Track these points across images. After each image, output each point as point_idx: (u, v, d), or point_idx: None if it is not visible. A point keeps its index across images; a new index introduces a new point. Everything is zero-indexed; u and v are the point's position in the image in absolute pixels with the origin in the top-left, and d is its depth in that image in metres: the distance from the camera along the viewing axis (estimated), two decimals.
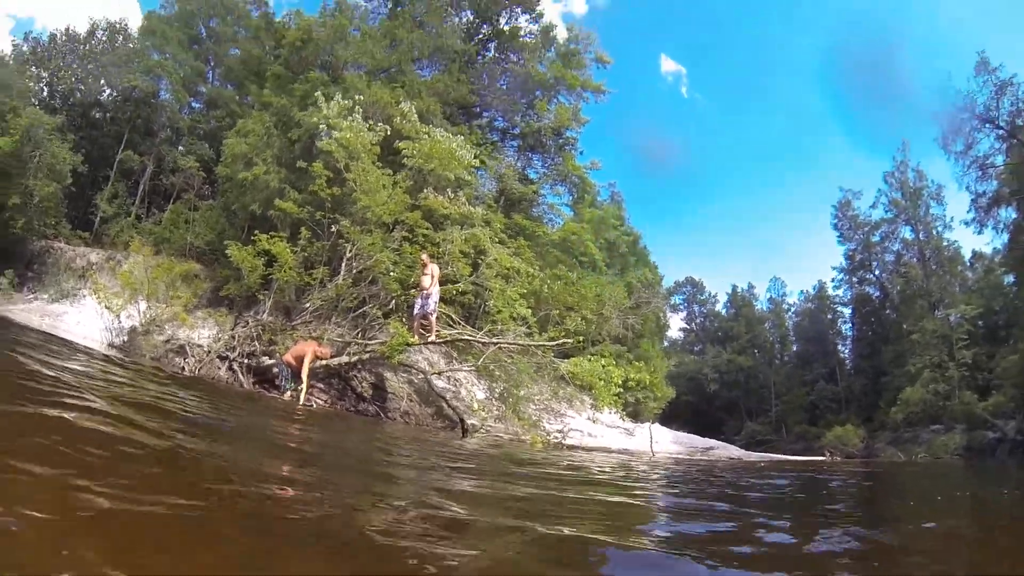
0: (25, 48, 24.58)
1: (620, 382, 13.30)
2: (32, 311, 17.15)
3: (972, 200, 32.20)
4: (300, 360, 10.53)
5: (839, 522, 3.99)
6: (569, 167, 20.37)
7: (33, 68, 24.20)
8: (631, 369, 14.39)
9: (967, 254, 40.90)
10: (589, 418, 14.33)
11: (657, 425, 17.05)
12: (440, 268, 12.23)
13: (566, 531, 2.69)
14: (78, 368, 5.69)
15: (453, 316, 13.30)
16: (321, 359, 10.87)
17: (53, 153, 19.21)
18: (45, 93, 24.01)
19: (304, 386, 10.63)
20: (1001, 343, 32.91)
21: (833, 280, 48.99)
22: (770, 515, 4.08)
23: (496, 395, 13.05)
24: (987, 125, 31.10)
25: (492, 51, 22.27)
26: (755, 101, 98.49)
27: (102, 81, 23.88)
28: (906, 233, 41.61)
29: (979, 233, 32.98)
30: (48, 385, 3.74)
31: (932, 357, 33.58)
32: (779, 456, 19.88)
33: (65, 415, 2.87)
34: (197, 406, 5.35)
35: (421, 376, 13.15)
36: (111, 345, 14.05)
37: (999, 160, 30.58)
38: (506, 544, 2.36)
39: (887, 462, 23.87)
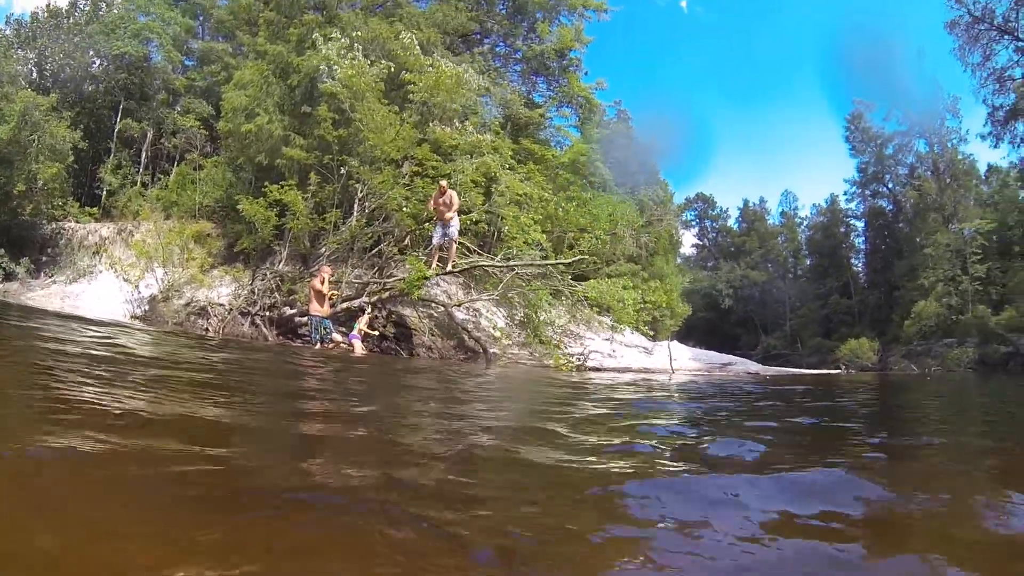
0: (8, 32, 24.19)
1: (636, 306, 13.47)
2: (51, 295, 17.41)
3: (988, 113, 31.29)
4: (321, 302, 10.58)
5: None
6: (574, 88, 20.02)
7: (19, 51, 23.79)
8: (647, 290, 14.52)
9: (982, 168, 39.74)
10: (607, 339, 14.54)
11: (675, 343, 17.30)
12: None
13: None
14: None
15: (468, 246, 13.42)
16: (327, 278, 10.82)
17: (52, 133, 19.11)
18: (34, 75, 23.64)
19: (337, 336, 10.66)
20: (1015, 257, 32.55)
21: (845, 193, 47.32)
22: None
23: (516, 322, 13.27)
24: (1006, 37, 30.03)
25: None
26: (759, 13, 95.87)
27: (91, 53, 23.40)
28: (920, 146, 40.46)
29: (995, 147, 32.07)
30: None
31: (945, 271, 33.35)
32: (796, 370, 20.16)
33: None
34: None
35: (441, 309, 13.34)
36: (133, 317, 14.22)
37: (1017, 73, 29.66)
38: None
39: (902, 375, 24.17)
